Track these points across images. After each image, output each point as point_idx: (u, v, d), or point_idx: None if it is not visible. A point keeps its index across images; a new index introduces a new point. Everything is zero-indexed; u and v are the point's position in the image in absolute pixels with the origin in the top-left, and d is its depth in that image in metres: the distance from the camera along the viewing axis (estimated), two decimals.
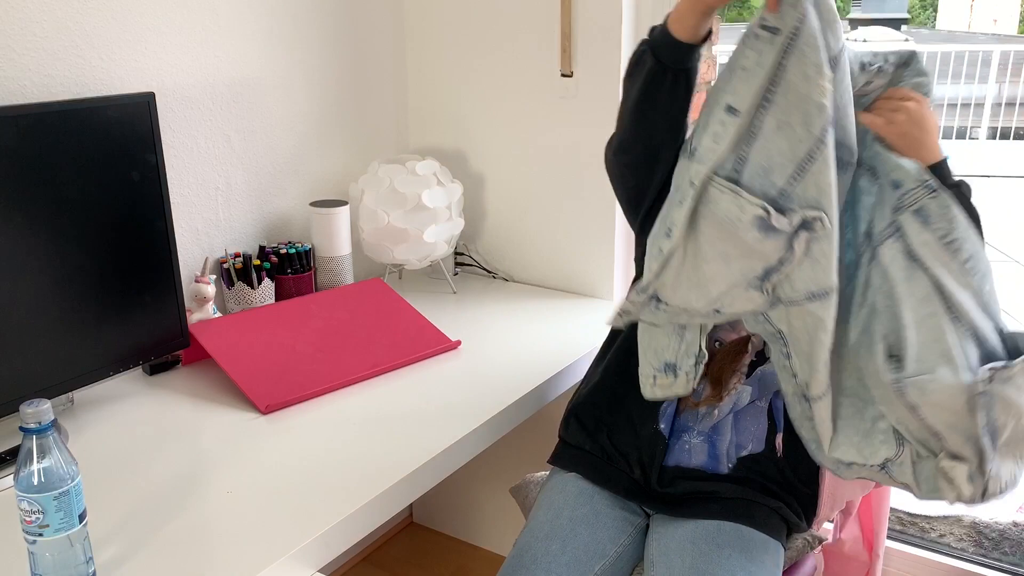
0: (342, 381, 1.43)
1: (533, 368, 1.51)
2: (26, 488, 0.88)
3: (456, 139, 2.01)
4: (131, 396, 1.41)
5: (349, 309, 1.61)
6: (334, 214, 1.72)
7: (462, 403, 1.38)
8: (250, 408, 1.36)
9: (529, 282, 2.00)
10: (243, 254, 1.66)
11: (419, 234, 1.76)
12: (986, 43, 9.14)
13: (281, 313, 1.55)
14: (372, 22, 1.92)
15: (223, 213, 1.68)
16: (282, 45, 1.73)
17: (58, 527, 0.89)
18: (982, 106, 8.17)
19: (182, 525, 1.06)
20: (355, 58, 1.89)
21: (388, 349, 1.53)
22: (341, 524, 1.07)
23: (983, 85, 8.18)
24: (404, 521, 2.24)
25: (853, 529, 1.56)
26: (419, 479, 1.20)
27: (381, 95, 1.98)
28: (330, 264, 1.75)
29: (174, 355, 1.49)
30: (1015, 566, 1.81)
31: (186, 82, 1.56)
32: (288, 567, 1.00)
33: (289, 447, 1.24)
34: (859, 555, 1.57)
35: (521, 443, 1.94)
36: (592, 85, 1.78)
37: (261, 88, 1.70)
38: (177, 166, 1.57)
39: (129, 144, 1.30)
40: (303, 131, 1.81)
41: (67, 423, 1.31)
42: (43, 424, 0.88)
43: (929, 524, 2.09)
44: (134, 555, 1.00)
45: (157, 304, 1.38)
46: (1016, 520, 2.07)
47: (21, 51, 1.32)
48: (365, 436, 1.27)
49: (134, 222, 1.33)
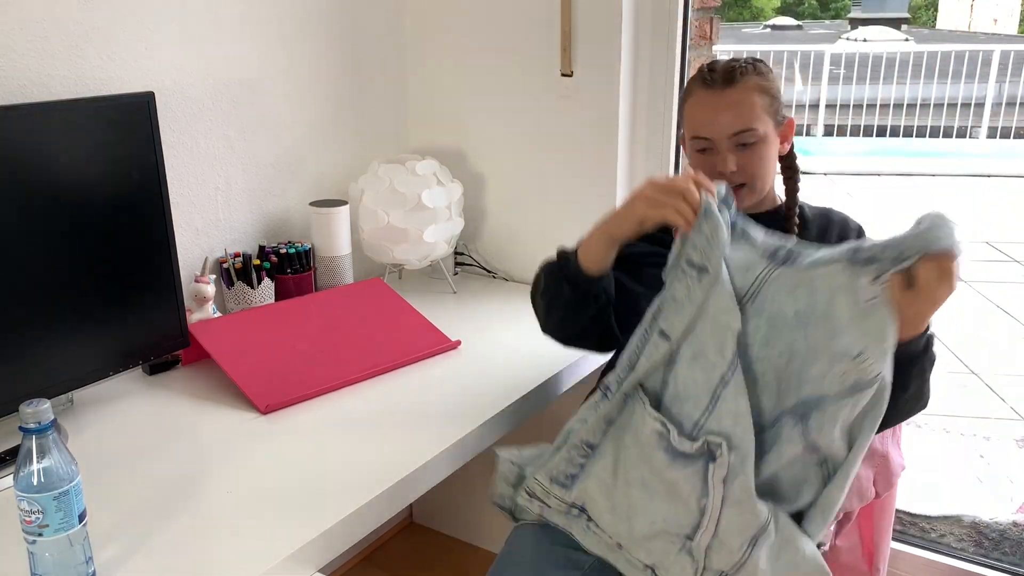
0: (342, 381, 1.43)
1: (533, 368, 1.51)
2: (26, 488, 0.88)
3: (456, 139, 2.01)
4: (131, 396, 1.41)
5: (349, 309, 1.61)
6: (334, 214, 1.72)
7: (462, 403, 1.38)
8: (250, 408, 1.35)
9: (529, 282, 1.99)
10: (243, 254, 1.66)
11: (419, 234, 1.76)
12: (986, 43, 9.14)
13: (281, 313, 1.55)
14: (372, 22, 1.92)
15: (223, 213, 1.67)
16: (282, 45, 1.73)
17: (58, 527, 0.89)
18: (982, 106, 8.16)
19: (182, 525, 1.06)
20: (355, 58, 1.89)
21: (388, 349, 1.52)
22: (341, 524, 1.07)
23: (983, 85, 8.17)
24: (404, 521, 2.24)
25: (852, 537, 1.54)
26: (419, 479, 1.20)
27: (381, 95, 1.98)
28: (330, 264, 1.75)
29: (174, 355, 1.49)
30: (1015, 566, 1.81)
31: (186, 82, 1.56)
32: (288, 567, 1.00)
33: (289, 447, 1.24)
34: (858, 565, 1.54)
35: (521, 443, 1.93)
36: (592, 85, 1.78)
37: (261, 88, 1.70)
38: (177, 166, 1.57)
39: (129, 144, 1.30)
40: (303, 131, 1.81)
41: (67, 423, 1.31)
42: (43, 424, 0.88)
43: (929, 524, 2.09)
44: (134, 555, 1.00)
45: (157, 304, 1.38)
46: (1016, 520, 2.07)
47: (21, 51, 1.32)
48: (365, 436, 1.27)
49: (134, 222, 1.33)
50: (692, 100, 1.31)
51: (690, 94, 1.32)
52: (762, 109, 1.27)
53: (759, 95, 1.27)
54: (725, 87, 1.27)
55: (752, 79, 1.28)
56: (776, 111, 1.30)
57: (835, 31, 15.45)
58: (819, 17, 20.37)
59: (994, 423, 2.95)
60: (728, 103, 1.26)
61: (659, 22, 1.74)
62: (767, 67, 1.31)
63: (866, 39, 11.92)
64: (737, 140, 1.27)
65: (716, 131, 1.27)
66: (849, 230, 1.35)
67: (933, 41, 10.77)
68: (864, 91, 8.71)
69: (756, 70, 1.29)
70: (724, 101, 1.27)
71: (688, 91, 1.33)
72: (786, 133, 1.34)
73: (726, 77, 1.27)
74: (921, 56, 8.65)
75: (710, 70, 1.29)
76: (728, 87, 1.27)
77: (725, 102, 1.27)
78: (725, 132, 1.26)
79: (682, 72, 1.77)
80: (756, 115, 1.27)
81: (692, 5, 1.74)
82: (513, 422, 1.40)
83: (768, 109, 1.28)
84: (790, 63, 8.99)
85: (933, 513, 2.12)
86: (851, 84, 8.96)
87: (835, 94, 8.60)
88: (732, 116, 1.26)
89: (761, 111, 1.27)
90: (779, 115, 1.31)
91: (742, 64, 1.29)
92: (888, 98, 8.49)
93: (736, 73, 1.27)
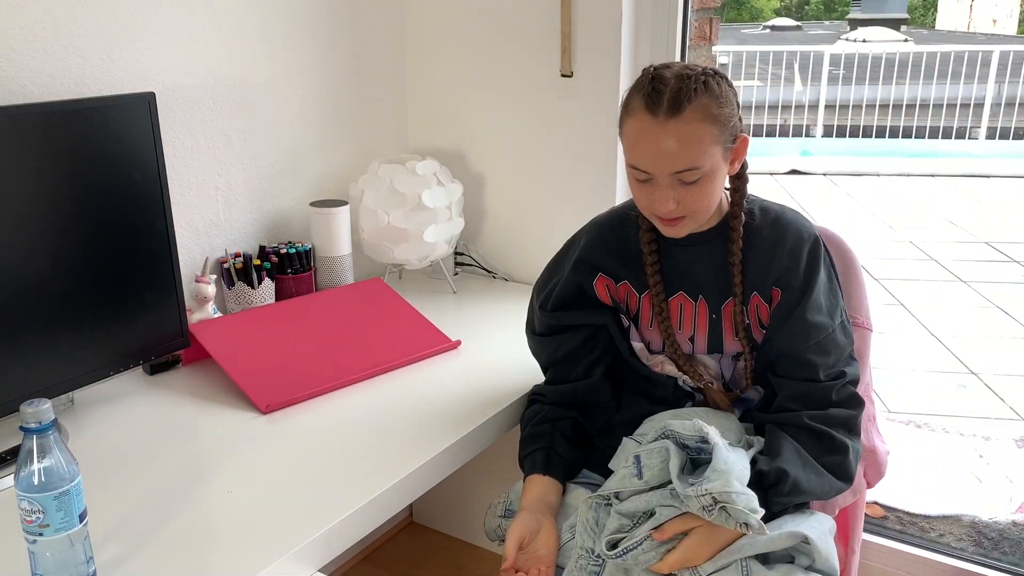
0: (342, 381, 1.43)
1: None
2: (26, 488, 0.88)
3: (456, 139, 2.01)
4: (131, 396, 1.41)
5: (349, 309, 1.61)
6: (334, 214, 1.72)
7: (462, 403, 1.38)
8: (250, 408, 1.36)
9: (529, 282, 1.99)
10: (243, 254, 1.66)
11: (419, 234, 1.76)
12: (985, 43, 9.15)
13: (281, 313, 1.55)
14: (372, 22, 1.92)
15: (223, 213, 1.68)
16: (282, 45, 1.73)
17: (58, 527, 0.89)
18: (982, 106, 8.17)
19: (182, 525, 1.06)
20: (355, 58, 1.89)
21: (388, 349, 1.53)
22: (341, 524, 1.07)
23: (982, 85, 8.18)
24: (404, 521, 2.24)
25: None
26: (419, 479, 1.20)
27: (381, 95, 1.98)
28: (330, 264, 1.75)
29: (174, 355, 1.49)
30: (1015, 566, 1.81)
31: (186, 82, 1.56)
32: (288, 567, 1.00)
33: (289, 447, 1.24)
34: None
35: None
36: (592, 85, 1.78)
37: (261, 88, 1.70)
38: (177, 166, 1.57)
39: (129, 144, 1.30)
40: (303, 131, 1.81)
41: (67, 423, 1.31)
42: (43, 424, 0.88)
43: (929, 524, 2.09)
44: (134, 555, 1.00)
45: (157, 304, 1.38)
46: (1016, 520, 2.07)
47: (21, 51, 1.32)
48: (365, 436, 1.27)
49: (134, 222, 1.33)
50: (632, 122, 1.13)
51: (630, 112, 1.13)
52: (710, 141, 1.10)
53: (708, 125, 1.09)
54: (670, 117, 1.08)
55: (702, 103, 1.09)
56: (727, 136, 1.12)
57: (834, 32, 15.46)
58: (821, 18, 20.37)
59: (994, 423, 2.95)
60: (671, 135, 1.09)
61: (659, 22, 1.74)
62: (722, 80, 1.13)
63: (865, 40, 11.93)
64: (679, 177, 1.11)
65: (656, 167, 1.11)
66: (799, 251, 1.19)
67: (932, 42, 10.79)
68: (864, 91, 8.72)
69: (708, 89, 1.10)
70: (667, 133, 1.09)
71: (628, 107, 1.14)
72: (738, 152, 1.16)
73: (672, 103, 1.08)
74: (920, 56, 8.66)
75: (654, 89, 1.10)
76: (673, 116, 1.08)
77: (668, 134, 1.09)
78: (666, 169, 1.10)
79: None
80: (702, 150, 1.10)
81: (692, 5, 1.74)
82: (513, 422, 1.40)
83: (718, 138, 1.10)
84: (789, 64, 8.99)
85: (933, 513, 2.12)
86: (851, 84, 8.97)
87: (835, 94, 8.61)
88: (675, 152, 1.09)
89: (709, 144, 1.10)
90: (731, 138, 1.13)
91: (692, 84, 1.09)
92: (888, 98, 8.49)
93: (683, 99, 1.08)
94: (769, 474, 1.11)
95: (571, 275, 1.30)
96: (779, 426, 1.18)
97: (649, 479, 1.12)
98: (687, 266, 1.23)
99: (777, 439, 1.16)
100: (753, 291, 1.21)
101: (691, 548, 1.08)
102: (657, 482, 1.12)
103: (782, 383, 1.20)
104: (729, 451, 1.09)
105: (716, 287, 1.22)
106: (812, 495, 1.15)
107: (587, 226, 1.33)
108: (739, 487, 1.04)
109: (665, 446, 1.12)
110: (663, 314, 1.24)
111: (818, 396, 1.18)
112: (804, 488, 1.13)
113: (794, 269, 1.19)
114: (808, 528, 1.11)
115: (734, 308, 1.21)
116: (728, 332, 1.23)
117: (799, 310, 1.18)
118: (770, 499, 1.11)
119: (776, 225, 1.21)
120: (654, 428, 1.17)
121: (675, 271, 1.24)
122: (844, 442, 1.16)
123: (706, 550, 1.08)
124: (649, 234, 1.23)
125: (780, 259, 1.19)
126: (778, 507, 1.12)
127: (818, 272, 1.19)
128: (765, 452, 1.16)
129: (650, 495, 1.12)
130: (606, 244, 1.28)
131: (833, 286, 1.22)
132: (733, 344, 1.23)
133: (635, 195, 1.18)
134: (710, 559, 1.07)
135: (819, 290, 1.18)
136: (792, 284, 1.18)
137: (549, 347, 1.33)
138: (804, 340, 1.18)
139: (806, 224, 1.23)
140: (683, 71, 1.11)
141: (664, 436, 1.14)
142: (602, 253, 1.28)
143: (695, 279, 1.23)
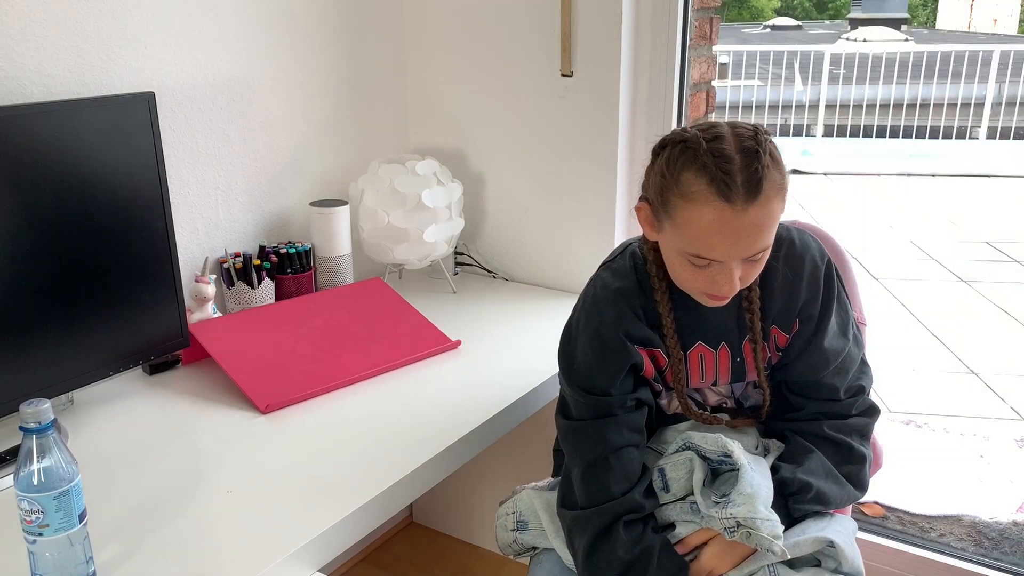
0: (342, 381, 1.43)
1: (533, 368, 1.51)
2: (26, 488, 0.88)
3: (456, 139, 2.01)
4: (131, 396, 1.41)
5: (349, 309, 1.61)
6: (334, 214, 1.72)
7: (462, 403, 1.38)
8: (250, 408, 1.36)
9: (529, 282, 2.00)
10: (243, 254, 1.66)
11: (419, 234, 1.76)
12: (986, 43, 9.15)
13: (281, 313, 1.55)
14: (372, 22, 1.92)
15: (223, 213, 1.68)
16: (282, 45, 1.73)
17: (58, 527, 0.89)
18: (982, 106, 8.18)
19: (182, 525, 1.06)
20: (355, 58, 1.89)
21: (388, 349, 1.53)
22: (341, 524, 1.07)
23: (983, 85, 8.19)
24: (404, 521, 2.24)
25: None
26: (419, 479, 1.20)
27: (381, 95, 1.98)
28: (330, 264, 1.75)
29: (174, 355, 1.49)
30: (1015, 566, 1.81)
31: (186, 82, 1.56)
32: (288, 567, 1.00)
33: (289, 447, 1.24)
34: None
35: (521, 443, 1.94)
36: (592, 85, 1.78)
37: (261, 88, 1.70)
38: (177, 166, 1.57)
39: (129, 144, 1.30)
40: (303, 131, 1.81)
41: (67, 423, 1.31)
42: (43, 424, 0.88)
43: (929, 524, 2.09)
44: (134, 555, 1.00)
45: (157, 304, 1.38)
46: (1016, 520, 2.07)
47: (21, 51, 1.32)
48: (365, 436, 1.27)
49: (134, 222, 1.33)
50: (697, 211, 0.98)
51: (693, 199, 0.98)
52: (780, 213, 1.00)
53: (780, 200, 0.99)
54: (748, 203, 0.96)
55: (773, 179, 0.98)
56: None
57: (835, 31, 15.47)
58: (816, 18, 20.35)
59: (994, 423, 2.95)
60: (751, 223, 0.97)
61: (659, 22, 1.74)
62: (771, 139, 1.01)
63: (866, 39, 11.93)
64: (750, 258, 1.02)
65: (730, 255, 1.00)
66: (817, 281, 1.15)
67: (933, 41, 10.79)
68: (864, 91, 8.72)
69: (773, 160, 0.99)
70: (746, 223, 0.97)
71: (689, 192, 0.99)
72: None
73: (750, 188, 0.96)
74: (921, 56, 8.66)
75: (724, 171, 0.96)
76: (751, 202, 0.96)
77: (748, 222, 0.97)
78: (741, 256, 1.00)
79: (682, 72, 1.77)
80: (775, 226, 1.01)
81: (692, 5, 1.74)
82: (513, 422, 1.40)
83: (783, 206, 1.01)
84: (790, 63, 8.98)
85: (933, 513, 2.13)
86: (851, 84, 8.98)
87: (835, 94, 8.62)
88: (754, 238, 0.98)
89: (779, 217, 1.01)
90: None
91: (761, 160, 0.97)
92: (888, 98, 8.50)
93: (761, 180, 0.96)
94: (792, 483, 1.11)
95: (621, 356, 1.13)
96: (799, 434, 1.18)
97: (676, 492, 1.13)
98: (704, 316, 1.16)
99: (799, 448, 1.16)
100: (773, 325, 1.17)
101: (713, 557, 1.08)
102: (682, 494, 1.13)
103: (803, 403, 1.19)
104: (754, 470, 1.09)
105: (736, 331, 1.17)
106: (833, 504, 1.15)
107: (603, 300, 1.14)
108: (764, 512, 1.04)
109: (689, 457, 1.12)
110: (679, 373, 1.17)
111: (838, 410, 1.18)
112: (827, 499, 1.13)
113: (813, 300, 1.15)
114: (833, 532, 1.11)
115: (754, 348, 1.17)
116: (751, 370, 1.20)
117: (817, 339, 1.15)
118: (791, 506, 1.11)
119: (790, 258, 1.14)
120: (676, 439, 1.16)
121: (689, 324, 1.16)
122: (862, 452, 1.17)
123: (728, 559, 1.08)
124: (665, 295, 1.13)
125: (799, 293, 1.14)
126: (798, 513, 1.12)
127: (835, 297, 1.16)
128: (787, 460, 1.15)
129: (671, 507, 1.13)
130: (636, 314, 1.13)
131: (843, 300, 1.19)
132: (752, 377, 1.21)
133: (683, 278, 1.07)
134: (734, 567, 1.08)
135: (835, 312, 1.17)
136: (812, 315, 1.16)
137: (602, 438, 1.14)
138: (824, 367, 1.16)
139: (815, 246, 1.16)
140: (741, 143, 0.98)
141: (686, 447, 1.14)
142: (636, 325, 1.13)
143: (713, 325, 1.16)
